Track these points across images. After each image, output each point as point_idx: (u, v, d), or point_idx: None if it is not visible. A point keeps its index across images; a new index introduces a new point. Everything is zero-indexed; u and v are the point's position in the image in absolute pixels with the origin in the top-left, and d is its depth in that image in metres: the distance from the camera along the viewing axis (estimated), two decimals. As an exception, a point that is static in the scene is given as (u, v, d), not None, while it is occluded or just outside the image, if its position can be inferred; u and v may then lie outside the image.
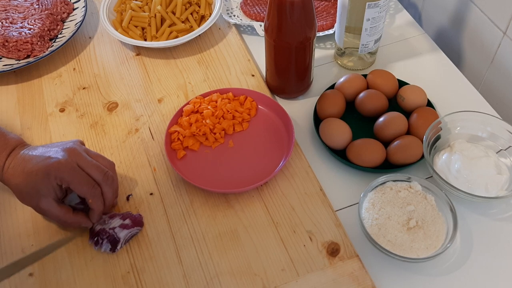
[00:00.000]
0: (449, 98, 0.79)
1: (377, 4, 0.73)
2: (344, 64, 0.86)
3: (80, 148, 0.64)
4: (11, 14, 0.91)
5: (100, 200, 0.64)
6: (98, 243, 0.64)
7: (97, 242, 0.64)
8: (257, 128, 0.77)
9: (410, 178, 0.66)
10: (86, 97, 0.84)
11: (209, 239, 0.65)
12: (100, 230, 0.64)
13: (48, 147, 0.64)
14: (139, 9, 0.93)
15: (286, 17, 0.69)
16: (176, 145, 0.74)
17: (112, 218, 0.65)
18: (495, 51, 0.83)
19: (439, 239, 0.61)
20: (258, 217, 0.67)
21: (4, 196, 0.71)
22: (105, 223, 0.65)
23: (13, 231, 0.67)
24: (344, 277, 0.61)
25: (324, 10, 0.94)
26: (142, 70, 0.87)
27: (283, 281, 0.61)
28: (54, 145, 0.64)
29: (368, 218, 0.63)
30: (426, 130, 0.68)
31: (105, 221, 0.65)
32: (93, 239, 0.64)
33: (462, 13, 0.89)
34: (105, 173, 0.63)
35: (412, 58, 0.87)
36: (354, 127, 0.74)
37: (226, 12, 0.95)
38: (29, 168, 0.61)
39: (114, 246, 0.64)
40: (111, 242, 0.63)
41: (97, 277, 0.63)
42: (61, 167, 0.61)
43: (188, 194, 0.70)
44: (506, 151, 0.69)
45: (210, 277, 0.62)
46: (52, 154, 0.62)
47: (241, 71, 0.85)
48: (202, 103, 0.77)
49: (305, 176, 0.71)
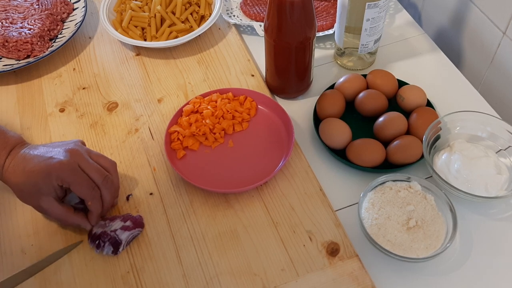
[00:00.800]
0: (448, 98, 0.79)
1: (377, 4, 0.73)
2: (344, 64, 0.86)
3: (81, 149, 0.64)
4: (11, 14, 0.91)
5: (99, 202, 0.64)
6: (99, 246, 0.63)
7: (98, 245, 0.64)
8: (257, 128, 0.77)
9: (409, 178, 0.66)
10: (86, 97, 0.84)
11: (208, 239, 0.65)
12: (101, 233, 0.64)
13: (49, 147, 0.64)
14: (139, 9, 0.93)
15: (286, 17, 0.69)
16: (176, 145, 0.74)
17: (113, 221, 0.65)
18: (494, 51, 0.83)
19: (439, 239, 0.61)
20: (258, 217, 0.67)
21: (3, 196, 0.71)
22: (106, 226, 0.64)
23: (13, 231, 0.67)
24: (344, 277, 0.61)
25: (324, 10, 0.94)
26: (142, 70, 0.87)
27: (282, 281, 0.61)
28: (56, 145, 0.64)
29: (368, 218, 0.63)
30: (426, 130, 0.68)
31: (105, 224, 0.65)
32: (94, 242, 0.64)
33: (462, 13, 0.89)
34: (105, 176, 0.63)
35: (412, 58, 0.87)
36: (354, 127, 0.74)
37: (226, 12, 0.95)
38: (30, 168, 0.61)
39: (116, 249, 0.63)
40: (112, 244, 0.63)
41: (97, 277, 0.63)
42: (62, 168, 0.61)
43: (188, 194, 0.70)
44: (505, 151, 0.69)
45: (210, 277, 0.62)
46: (54, 154, 0.62)
47: (241, 71, 0.85)
48: (202, 103, 0.77)
49: (305, 176, 0.71)
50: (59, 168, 0.60)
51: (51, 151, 0.63)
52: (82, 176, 0.62)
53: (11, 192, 0.63)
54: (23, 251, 0.65)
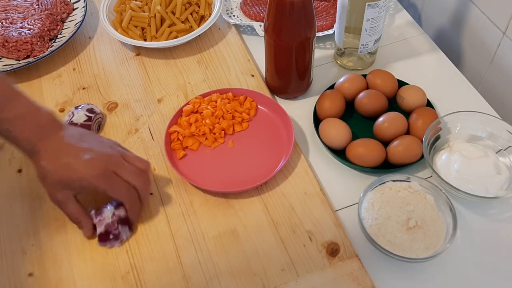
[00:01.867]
0: (448, 98, 0.79)
1: (377, 4, 0.73)
2: (344, 64, 0.86)
3: (118, 153, 0.64)
4: (11, 14, 0.91)
5: (137, 205, 0.65)
6: (117, 236, 0.64)
7: (115, 237, 0.64)
8: (257, 128, 0.77)
9: (409, 178, 0.66)
10: (86, 97, 0.84)
11: (208, 239, 0.65)
12: (106, 228, 0.64)
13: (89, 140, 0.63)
14: (139, 9, 0.93)
15: (286, 17, 0.69)
16: (175, 145, 0.74)
17: (102, 213, 0.64)
18: (494, 51, 0.83)
19: (439, 239, 0.61)
20: (257, 217, 0.67)
21: (3, 196, 0.71)
22: (103, 221, 0.64)
23: (13, 231, 0.67)
24: (344, 277, 0.61)
25: (324, 10, 0.94)
26: (141, 70, 0.87)
27: (282, 281, 0.61)
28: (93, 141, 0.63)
29: (368, 218, 0.63)
30: (426, 130, 0.68)
31: (101, 221, 0.64)
32: (108, 239, 0.64)
33: (461, 13, 0.89)
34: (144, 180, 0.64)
35: (411, 58, 0.87)
36: (354, 127, 0.74)
37: (226, 12, 0.95)
38: (66, 162, 0.60)
39: (130, 226, 0.65)
40: (124, 224, 0.64)
41: (97, 277, 0.63)
42: (98, 178, 0.61)
43: (188, 194, 0.70)
44: (505, 151, 0.69)
45: (210, 277, 0.62)
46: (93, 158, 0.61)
47: (240, 71, 0.85)
48: (201, 103, 0.77)
49: (305, 176, 0.71)
50: (96, 177, 0.60)
51: (92, 150, 0.61)
52: (117, 183, 0.62)
53: (11, 191, 0.63)
54: (23, 251, 0.65)
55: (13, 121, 0.60)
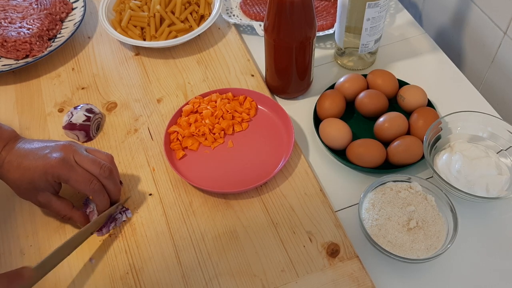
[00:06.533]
0: (449, 98, 0.79)
1: (377, 3, 0.73)
2: (344, 64, 0.86)
3: (76, 144, 0.64)
4: (9, 14, 0.91)
5: (103, 195, 0.64)
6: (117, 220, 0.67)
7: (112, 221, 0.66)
8: (257, 128, 0.77)
9: (410, 178, 0.65)
10: (85, 97, 0.83)
11: (208, 240, 0.65)
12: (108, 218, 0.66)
13: (44, 142, 0.64)
14: (138, 8, 0.92)
15: (286, 17, 0.69)
16: (175, 145, 0.73)
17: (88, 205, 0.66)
18: (495, 51, 0.83)
19: (440, 240, 0.61)
20: (257, 218, 0.67)
21: (2, 197, 0.70)
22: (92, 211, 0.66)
23: (12, 232, 0.67)
24: (344, 278, 0.60)
25: (324, 10, 0.94)
26: (141, 70, 0.87)
27: (282, 282, 0.61)
28: (48, 141, 0.64)
29: (368, 219, 0.63)
30: (427, 130, 0.68)
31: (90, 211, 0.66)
32: (109, 225, 0.66)
33: (462, 13, 0.88)
34: (102, 166, 0.63)
35: (412, 58, 0.86)
36: (354, 127, 0.73)
37: (226, 12, 0.95)
38: (26, 164, 0.61)
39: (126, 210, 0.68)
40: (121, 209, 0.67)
41: (96, 278, 0.62)
42: (59, 165, 0.60)
43: (187, 195, 0.70)
44: (506, 151, 0.69)
45: (209, 277, 0.61)
46: (49, 151, 0.62)
47: (240, 71, 0.85)
48: (201, 103, 0.77)
49: (305, 176, 0.70)
50: (55, 165, 0.60)
51: (47, 146, 0.62)
52: (78, 171, 0.61)
53: (9, 192, 0.63)
54: (21, 252, 0.65)
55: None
